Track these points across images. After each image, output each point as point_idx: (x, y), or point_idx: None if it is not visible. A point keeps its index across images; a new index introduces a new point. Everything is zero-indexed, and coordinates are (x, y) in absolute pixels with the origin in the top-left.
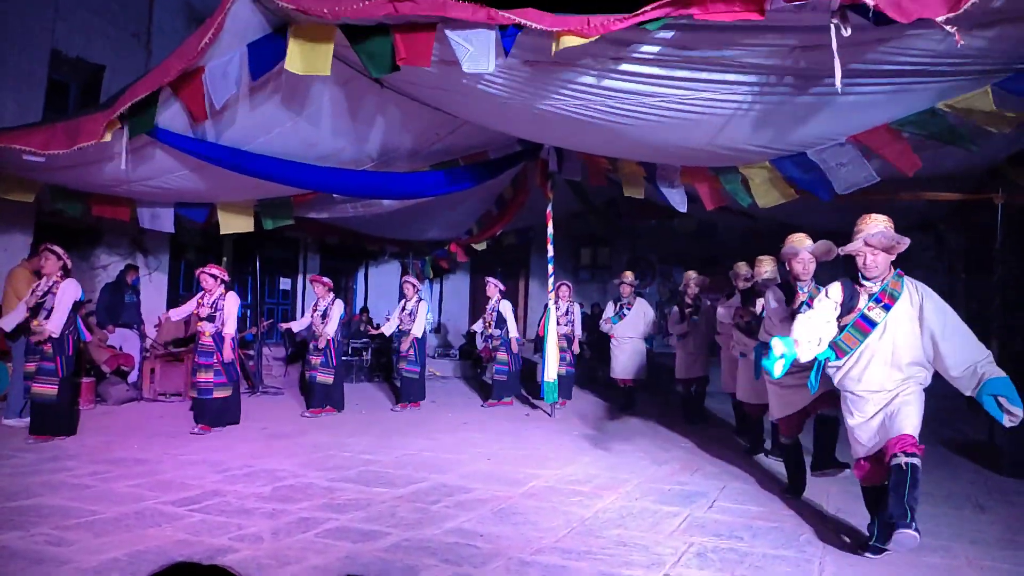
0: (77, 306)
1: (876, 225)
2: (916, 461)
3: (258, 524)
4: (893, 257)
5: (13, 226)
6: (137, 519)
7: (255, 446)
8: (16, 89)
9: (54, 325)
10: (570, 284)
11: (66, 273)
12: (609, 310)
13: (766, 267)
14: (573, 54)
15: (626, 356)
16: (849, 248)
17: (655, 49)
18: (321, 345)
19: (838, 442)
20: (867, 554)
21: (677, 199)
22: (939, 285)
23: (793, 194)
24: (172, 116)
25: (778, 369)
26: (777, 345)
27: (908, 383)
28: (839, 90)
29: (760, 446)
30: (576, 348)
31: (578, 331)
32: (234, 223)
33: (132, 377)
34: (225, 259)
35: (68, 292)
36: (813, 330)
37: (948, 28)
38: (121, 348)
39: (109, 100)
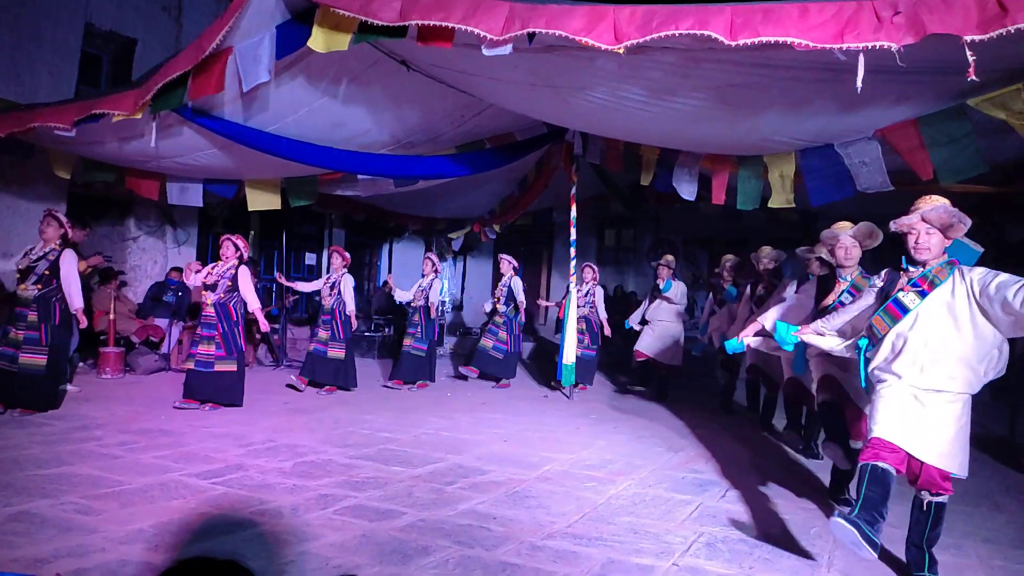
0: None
1: (934, 203)
2: (943, 500)
3: (279, 499)
4: (949, 242)
5: (46, 198)
6: (162, 491)
7: (277, 420)
8: (51, 62)
9: (77, 301)
10: (594, 266)
11: (65, 243)
12: (646, 303)
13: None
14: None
15: (655, 336)
16: (904, 221)
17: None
18: (326, 304)
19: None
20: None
21: (688, 189)
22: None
23: (791, 202)
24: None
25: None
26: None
27: (946, 395)
28: (859, 89)
29: (798, 427)
30: (608, 331)
31: (602, 314)
32: (261, 200)
33: (165, 348)
34: (252, 233)
35: (73, 264)
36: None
37: (968, 54)
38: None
39: (142, 78)
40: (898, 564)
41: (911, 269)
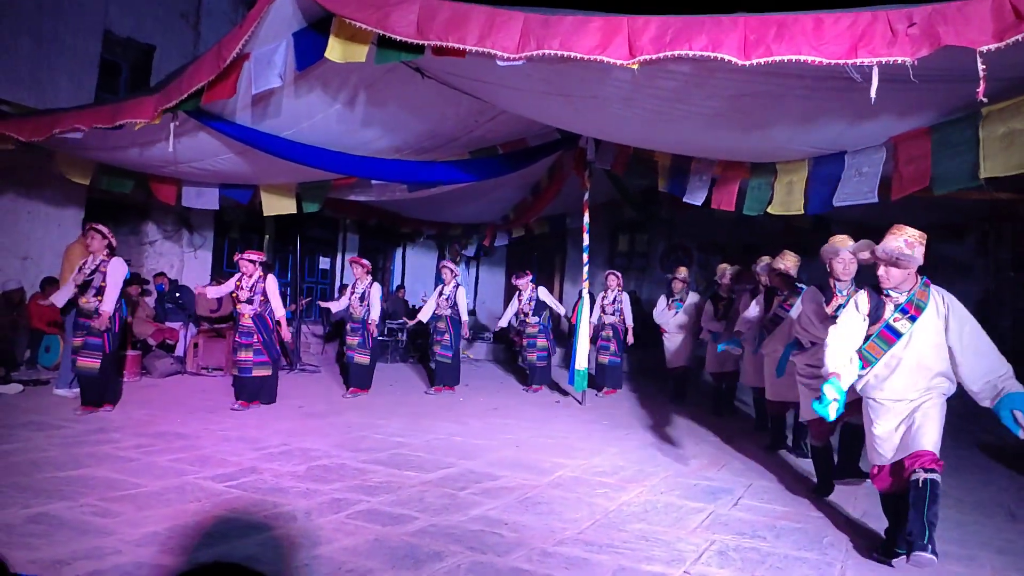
0: (124, 284)
1: (894, 239)
2: (935, 476)
3: (292, 503)
4: (909, 271)
5: (66, 204)
6: (178, 494)
7: (291, 424)
8: (70, 70)
9: (108, 305)
10: (618, 273)
11: (111, 252)
12: (661, 304)
13: (788, 261)
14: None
15: (676, 347)
16: (862, 259)
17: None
18: (357, 314)
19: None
20: (878, 556)
21: (699, 194)
22: (985, 283)
23: (800, 209)
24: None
25: (832, 412)
26: (829, 391)
27: (930, 393)
28: (872, 101)
29: (782, 442)
30: (631, 339)
31: (629, 320)
32: (277, 205)
33: (178, 351)
34: (268, 237)
35: (117, 271)
36: (845, 353)
37: (980, 67)
38: (166, 323)
39: (159, 84)
40: (913, 573)
41: (893, 295)
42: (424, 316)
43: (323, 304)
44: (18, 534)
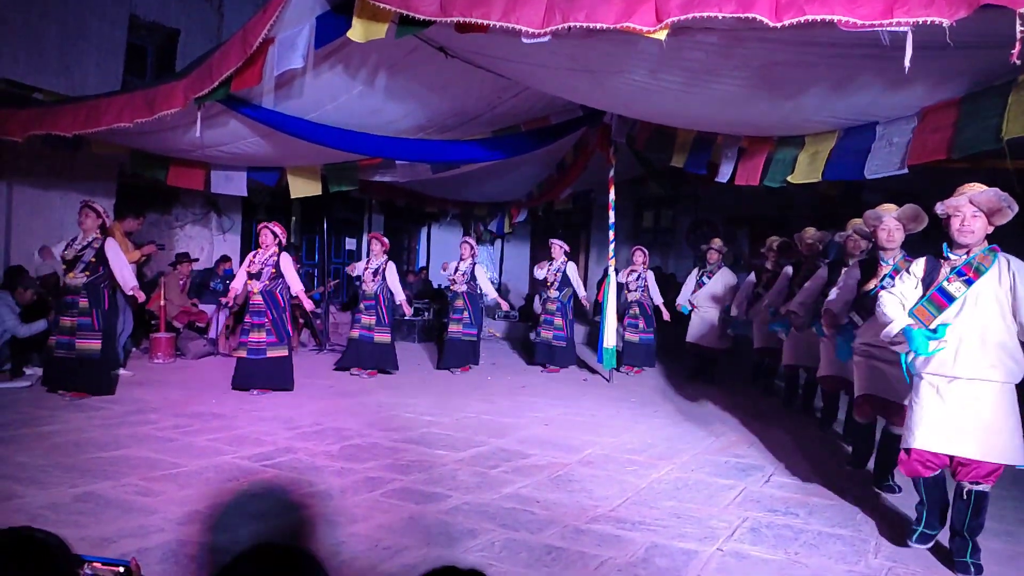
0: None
1: (982, 190)
2: (984, 489)
3: (327, 481)
4: (991, 229)
5: (96, 189)
6: (216, 473)
7: (323, 404)
8: (97, 54)
9: (132, 280)
10: (644, 249)
11: (104, 232)
12: (690, 280)
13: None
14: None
15: (701, 323)
16: (951, 202)
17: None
18: (369, 290)
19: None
20: (910, 542)
21: (725, 170)
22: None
23: (819, 176)
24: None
25: (932, 346)
26: (931, 344)
27: (991, 379)
28: (907, 69)
29: (832, 420)
30: (666, 314)
31: (656, 297)
32: (303, 187)
33: (211, 333)
34: (294, 219)
35: (118, 250)
36: (901, 307)
37: (1019, 28)
38: (197, 305)
39: (186, 69)
40: (942, 551)
41: (952, 256)
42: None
43: (349, 269)
44: (66, 512)
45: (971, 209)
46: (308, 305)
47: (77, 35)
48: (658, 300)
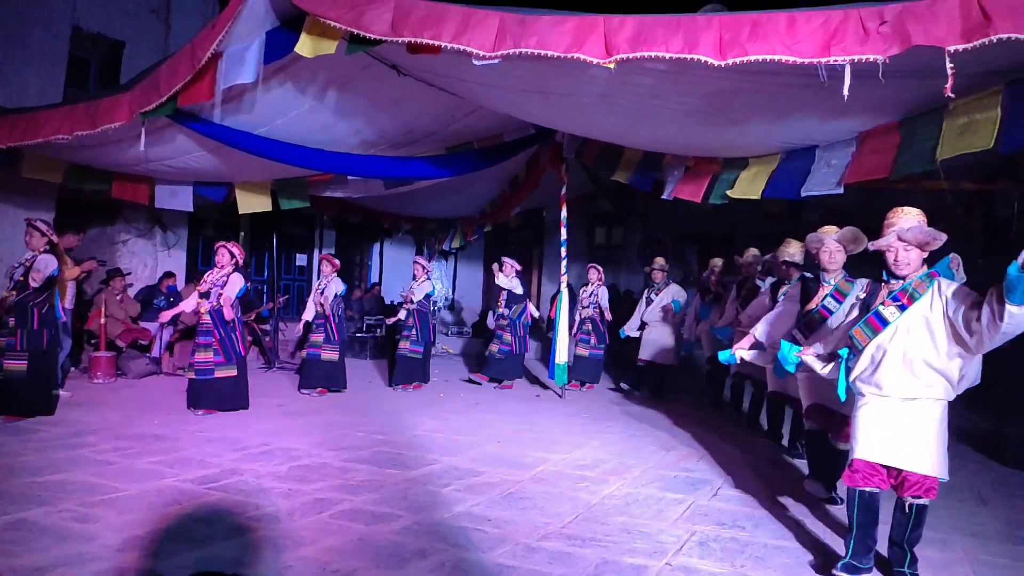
0: (51, 281)
1: (909, 219)
2: (925, 503)
3: (275, 503)
4: (926, 254)
5: (36, 204)
6: (158, 497)
7: (271, 424)
8: (38, 66)
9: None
10: (599, 267)
11: (52, 249)
12: (641, 304)
13: (792, 248)
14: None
15: (652, 339)
16: (881, 243)
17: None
18: (323, 311)
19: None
20: (835, 570)
21: (670, 187)
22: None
23: (758, 194)
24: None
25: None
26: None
27: (924, 398)
28: (845, 99)
29: (777, 435)
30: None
31: (607, 315)
32: (252, 202)
33: (154, 351)
34: (243, 234)
35: (47, 266)
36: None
37: (948, 66)
38: (137, 322)
39: (131, 82)
40: (881, 560)
41: (892, 282)
42: (404, 314)
43: (304, 319)
44: None
45: (902, 244)
46: (228, 314)
47: (16, 44)
48: (609, 317)
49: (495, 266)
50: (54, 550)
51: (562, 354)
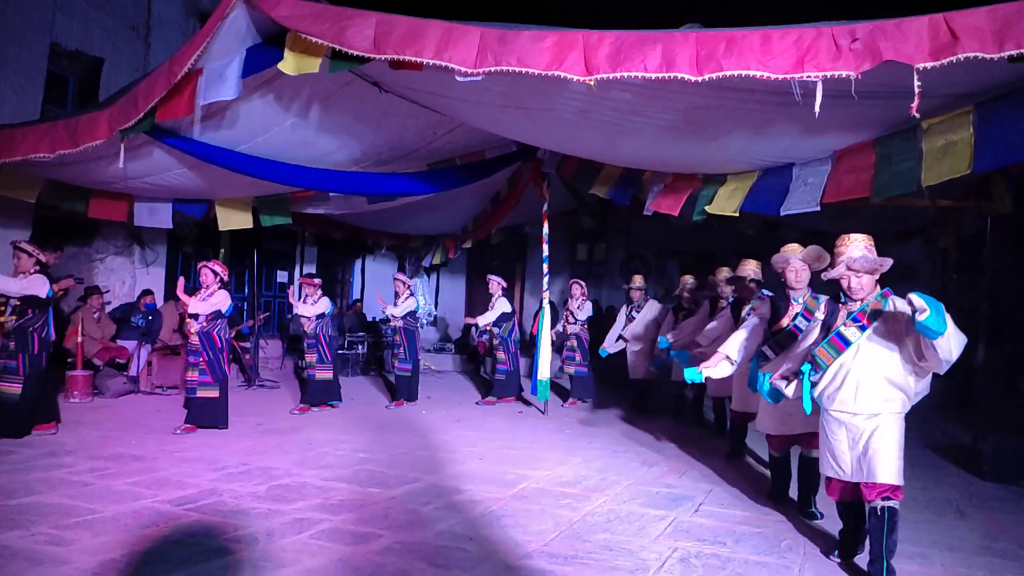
0: (46, 303)
1: (856, 247)
2: (894, 504)
3: (254, 525)
4: (877, 276)
5: (13, 220)
6: (135, 519)
7: (250, 443)
8: (16, 82)
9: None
10: (582, 283)
11: (42, 269)
12: (619, 321)
13: (749, 268)
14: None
15: (634, 356)
16: (833, 274)
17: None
18: (308, 329)
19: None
20: (833, 558)
21: (649, 202)
22: (931, 285)
23: (735, 210)
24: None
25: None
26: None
27: (884, 412)
28: (816, 115)
29: (741, 452)
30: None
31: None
32: (233, 219)
33: (131, 370)
34: (223, 251)
35: (34, 286)
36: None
37: (916, 83)
38: (115, 340)
39: (110, 99)
40: (859, 572)
41: (850, 303)
42: (390, 311)
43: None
44: None
45: (852, 273)
46: (184, 300)
47: None
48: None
49: (492, 280)
50: (27, 574)
51: (544, 370)
